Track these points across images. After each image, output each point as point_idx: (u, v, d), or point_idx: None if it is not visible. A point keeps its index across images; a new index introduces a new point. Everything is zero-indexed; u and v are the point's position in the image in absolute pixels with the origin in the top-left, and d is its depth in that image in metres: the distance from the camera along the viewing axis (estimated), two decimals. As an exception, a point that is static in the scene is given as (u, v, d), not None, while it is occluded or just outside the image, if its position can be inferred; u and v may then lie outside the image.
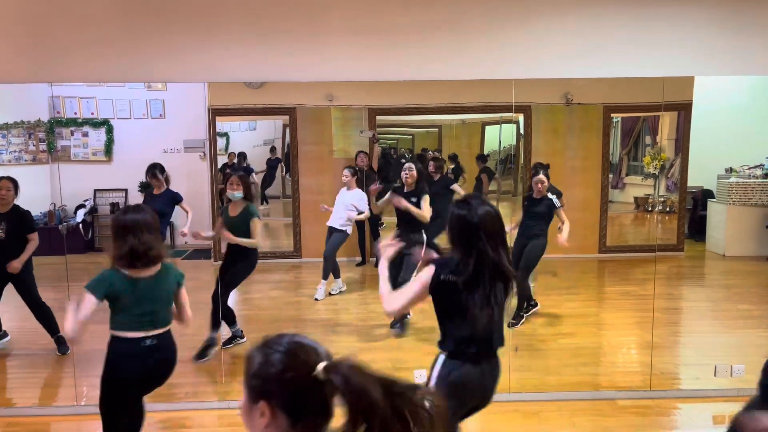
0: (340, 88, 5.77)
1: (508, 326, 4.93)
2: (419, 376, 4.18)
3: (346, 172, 5.59)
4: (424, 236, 4.94)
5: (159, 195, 5.08)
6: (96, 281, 2.78)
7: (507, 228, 2.64)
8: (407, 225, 4.91)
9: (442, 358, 2.55)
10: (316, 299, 5.55)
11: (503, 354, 2.65)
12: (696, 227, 6.84)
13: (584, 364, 4.53)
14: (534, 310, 5.25)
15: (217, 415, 4.00)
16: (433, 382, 2.54)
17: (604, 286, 5.71)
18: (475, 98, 6.18)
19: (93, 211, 6.28)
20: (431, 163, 5.86)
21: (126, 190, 6.30)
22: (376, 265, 5.99)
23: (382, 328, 5.09)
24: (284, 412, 1.18)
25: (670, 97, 5.04)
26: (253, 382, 1.21)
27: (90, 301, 2.72)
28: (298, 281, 6.10)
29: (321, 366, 1.17)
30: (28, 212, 4.68)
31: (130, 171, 6.14)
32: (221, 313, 4.58)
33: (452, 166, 6.40)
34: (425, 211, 4.88)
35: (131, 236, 2.73)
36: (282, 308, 4.77)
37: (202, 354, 4.55)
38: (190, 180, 5.61)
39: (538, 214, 5.15)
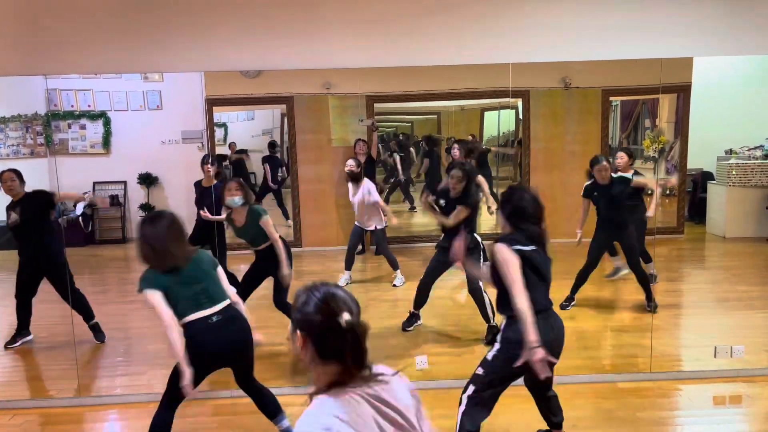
0: (337, 76, 5.75)
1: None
2: (420, 362, 4.20)
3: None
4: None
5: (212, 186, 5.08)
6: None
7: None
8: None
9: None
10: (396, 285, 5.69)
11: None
12: (696, 209, 6.83)
13: (584, 347, 4.54)
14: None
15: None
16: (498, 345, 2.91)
17: (605, 269, 5.71)
18: (473, 84, 6.17)
19: (92, 204, 6.28)
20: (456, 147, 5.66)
21: (125, 183, 6.29)
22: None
23: (382, 317, 5.11)
24: (312, 344, 1.47)
25: (669, 79, 5.02)
26: (295, 315, 1.52)
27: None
28: (299, 271, 6.09)
29: (344, 317, 1.45)
30: (39, 190, 4.64)
31: (129, 163, 6.14)
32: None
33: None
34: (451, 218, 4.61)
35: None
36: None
37: None
38: (189, 171, 5.58)
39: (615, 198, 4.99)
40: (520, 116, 6.32)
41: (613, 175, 5.00)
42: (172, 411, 3.06)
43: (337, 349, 1.45)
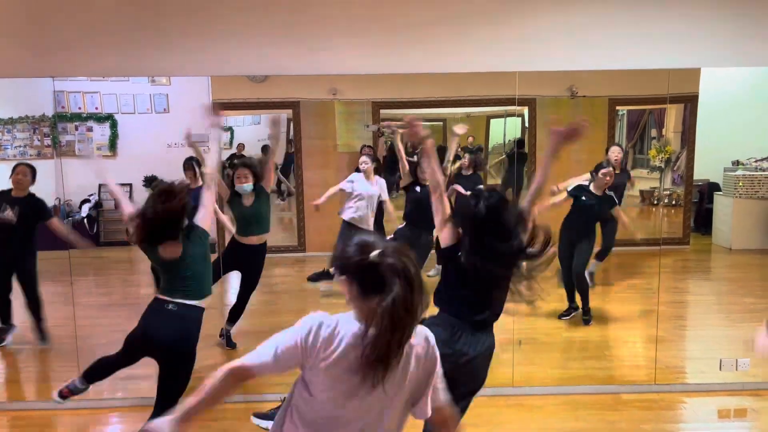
0: (343, 82, 5.75)
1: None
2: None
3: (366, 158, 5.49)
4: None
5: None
6: None
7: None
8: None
9: None
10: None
11: (506, 348, 2.64)
12: (702, 221, 6.80)
13: (589, 358, 4.52)
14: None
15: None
16: None
17: (609, 279, 5.68)
18: (480, 91, 6.15)
19: (98, 206, 6.30)
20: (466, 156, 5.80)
21: (131, 185, 6.31)
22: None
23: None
24: (356, 284, 1.62)
25: (676, 89, 4.99)
26: (335, 264, 1.69)
27: None
28: (302, 275, 6.09)
29: (375, 253, 1.59)
30: (42, 201, 4.72)
31: (135, 165, 6.15)
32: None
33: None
34: None
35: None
36: (286, 302, 4.76)
37: None
38: (195, 174, 5.60)
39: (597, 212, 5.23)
40: (526, 124, 6.31)
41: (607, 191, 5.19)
42: None
43: (376, 283, 1.56)
